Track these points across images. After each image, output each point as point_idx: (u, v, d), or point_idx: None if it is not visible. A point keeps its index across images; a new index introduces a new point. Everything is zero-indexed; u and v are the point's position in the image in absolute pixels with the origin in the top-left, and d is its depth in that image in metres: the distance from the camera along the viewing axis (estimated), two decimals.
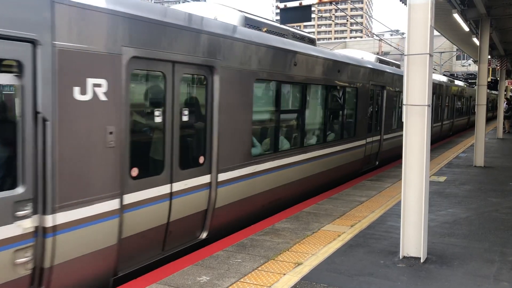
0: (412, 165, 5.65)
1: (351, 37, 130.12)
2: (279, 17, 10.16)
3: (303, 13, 9.61)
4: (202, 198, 6.26)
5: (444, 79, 25.40)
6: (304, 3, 9.52)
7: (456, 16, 13.72)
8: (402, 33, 52.77)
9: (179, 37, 5.65)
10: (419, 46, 5.55)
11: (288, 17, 9.78)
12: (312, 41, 9.99)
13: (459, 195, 9.48)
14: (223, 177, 6.53)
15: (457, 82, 29.67)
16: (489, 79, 22.53)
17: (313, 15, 13.04)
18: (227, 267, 5.35)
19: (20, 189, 4.06)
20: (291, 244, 6.20)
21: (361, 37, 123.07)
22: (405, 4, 11.17)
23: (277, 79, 7.87)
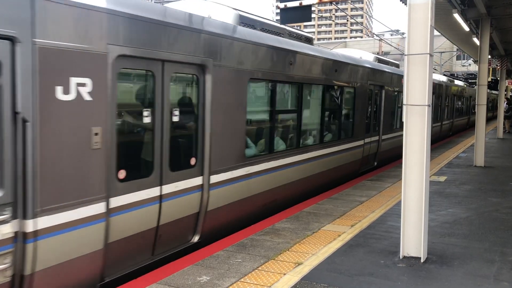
0: (412, 165, 5.65)
1: (351, 37, 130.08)
2: (279, 17, 10.15)
3: (303, 13, 9.61)
4: (193, 201, 6.12)
5: (444, 79, 25.41)
6: (304, 3, 9.51)
7: (456, 16, 13.71)
8: (402, 33, 52.86)
9: (169, 35, 5.51)
10: (419, 46, 5.55)
11: (288, 17, 9.77)
12: (309, 40, 9.90)
13: (459, 195, 9.48)
14: (215, 179, 6.40)
15: (457, 82, 29.68)
16: (489, 79, 22.58)
17: (313, 15, 13.02)
18: (227, 267, 5.35)
19: None
20: (291, 244, 6.20)
21: (361, 37, 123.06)
22: (405, 4, 11.17)
23: (272, 79, 7.75)
